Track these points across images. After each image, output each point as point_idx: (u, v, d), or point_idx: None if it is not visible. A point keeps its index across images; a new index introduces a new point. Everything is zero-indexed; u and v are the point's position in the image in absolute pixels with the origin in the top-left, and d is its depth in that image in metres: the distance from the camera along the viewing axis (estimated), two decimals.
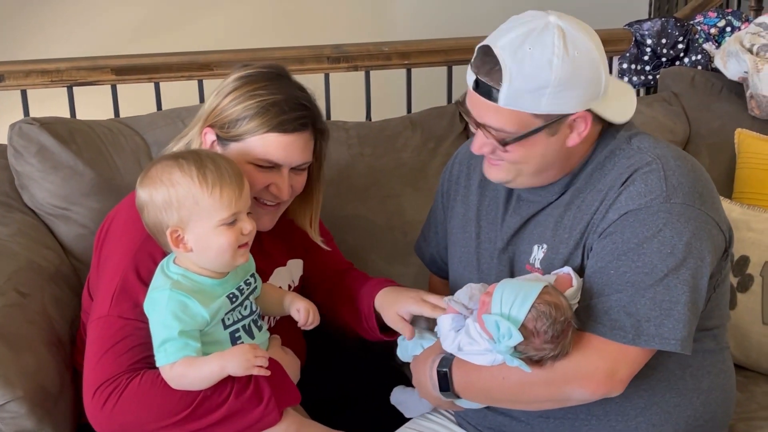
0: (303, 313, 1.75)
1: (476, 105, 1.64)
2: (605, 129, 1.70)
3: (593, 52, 1.59)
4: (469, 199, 1.86)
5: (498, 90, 1.58)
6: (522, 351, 1.57)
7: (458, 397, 1.71)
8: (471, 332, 1.64)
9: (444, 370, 1.69)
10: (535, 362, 1.58)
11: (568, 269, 1.65)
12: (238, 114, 1.73)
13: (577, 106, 1.60)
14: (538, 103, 1.58)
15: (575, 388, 1.60)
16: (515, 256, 1.75)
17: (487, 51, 1.59)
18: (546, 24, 1.58)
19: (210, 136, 1.77)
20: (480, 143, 1.66)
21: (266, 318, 1.87)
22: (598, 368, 1.59)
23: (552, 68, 1.56)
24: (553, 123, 1.61)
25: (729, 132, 2.47)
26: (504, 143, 1.62)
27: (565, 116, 1.61)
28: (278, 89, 1.75)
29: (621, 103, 1.68)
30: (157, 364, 1.59)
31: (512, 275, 1.73)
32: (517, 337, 1.53)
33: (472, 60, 1.63)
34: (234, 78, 1.78)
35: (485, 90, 1.60)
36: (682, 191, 1.61)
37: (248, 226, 1.62)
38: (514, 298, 1.56)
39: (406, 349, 1.83)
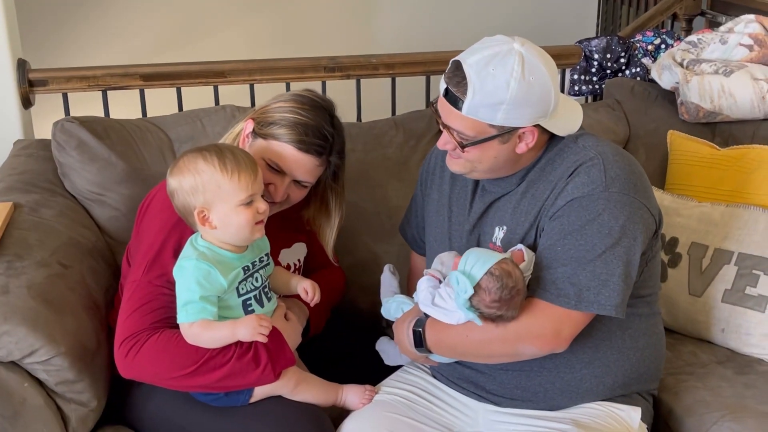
0: (310, 291, 1.77)
1: (444, 109, 1.65)
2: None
3: (546, 79, 1.60)
4: (442, 188, 1.88)
5: (462, 101, 1.59)
6: (475, 306, 1.59)
7: (431, 352, 1.73)
8: (441, 293, 1.66)
9: (418, 329, 1.71)
10: (487, 319, 1.60)
11: (520, 246, 1.67)
12: (276, 120, 1.76)
13: (527, 122, 1.61)
14: (494, 116, 1.59)
15: (526, 345, 1.63)
16: (481, 236, 1.77)
17: (458, 66, 1.60)
18: (510, 49, 1.59)
19: (249, 126, 1.80)
20: (444, 140, 1.68)
21: None
22: (545, 328, 1.61)
23: (509, 89, 1.57)
24: (505, 133, 1.62)
25: (662, 133, 2.47)
26: (463, 145, 1.64)
27: (516, 129, 1.62)
28: (314, 116, 1.77)
29: (568, 119, 1.69)
30: (178, 321, 1.61)
31: None
32: (470, 291, 1.57)
33: (446, 70, 1.64)
34: (292, 93, 1.83)
35: (452, 99, 1.62)
36: (619, 182, 1.63)
37: (263, 206, 1.63)
38: (476, 261, 1.60)
39: (389, 311, 1.84)
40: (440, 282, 1.71)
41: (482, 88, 1.57)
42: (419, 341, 1.72)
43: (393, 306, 1.83)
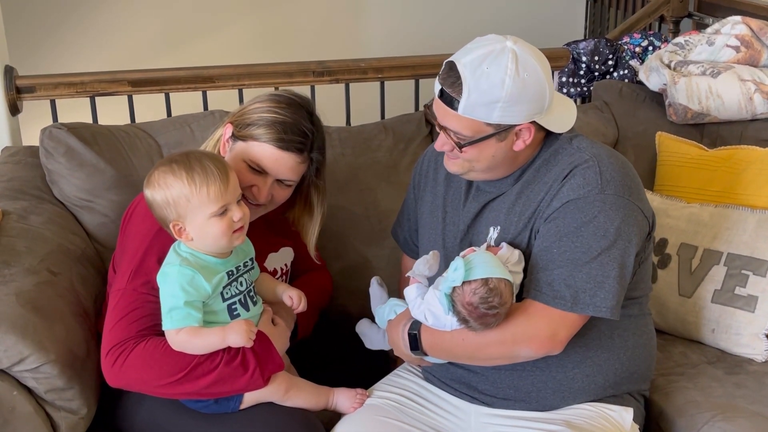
0: (296, 299, 1.76)
1: (440, 110, 1.65)
2: (550, 132, 1.72)
3: (540, 75, 1.60)
4: (436, 189, 1.87)
5: (458, 101, 1.59)
6: (453, 298, 1.59)
7: (426, 354, 1.73)
8: (429, 299, 1.66)
9: (414, 332, 1.71)
10: (462, 320, 1.60)
11: (503, 244, 1.68)
12: (253, 120, 1.75)
13: (523, 119, 1.62)
14: (490, 114, 1.59)
15: (523, 348, 1.62)
16: (474, 236, 1.77)
17: (452, 66, 1.61)
18: (503, 47, 1.59)
19: (228, 131, 1.79)
20: (441, 142, 1.68)
21: None
22: (542, 331, 1.61)
23: (504, 87, 1.57)
24: (502, 131, 1.62)
25: (651, 135, 2.48)
26: (460, 145, 1.64)
27: (512, 126, 1.62)
28: (291, 114, 1.75)
29: (563, 116, 1.69)
30: (163, 328, 1.60)
31: None
32: (458, 282, 1.57)
33: (440, 72, 1.64)
34: (269, 93, 1.81)
35: (448, 99, 1.62)
36: (614, 184, 1.63)
37: (238, 214, 1.61)
38: (484, 263, 1.59)
39: (383, 317, 1.84)
40: (426, 286, 1.71)
41: (477, 87, 1.57)
42: (415, 344, 1.71)
43: (386, 310, 1.83)
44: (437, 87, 1.65)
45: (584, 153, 1.67)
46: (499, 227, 1.72)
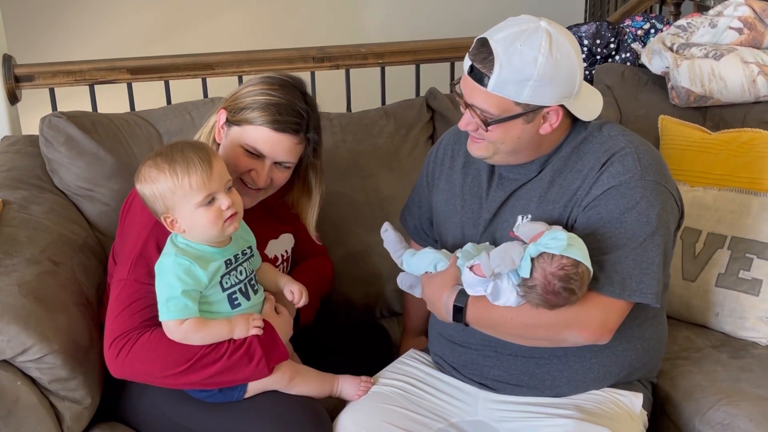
0: (296, 294, 1.75)
1: (468, 87, 1.63)
2: (576, 119, 1.69)
3: (573, 57, 1.59)
4: (452, 178, 1.84)
5: (488, 77, 1.57)
6: (537, 264, 1.54)
7: (467, 325, 1.69)
8: (512, 277, 1.59)
9: (461, 305, 1.66)
10: (529, 287, 1.56)
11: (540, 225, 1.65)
12: (247, 104, 1.73)
13: (552, 101, 1.60)
14: (520, 92, 1.57)
15: (573, 333, 1.61)
16: (500, 225, 1.74)
17: (484, 42, 1.59)
18: (537, 27, 1.58)
19: (222, 116, 1.77)
20: (466, 121, 1.66)
21: None
22: (594, 318, 1.60)
23: (536, 65, 1.55)
24: (530, 112, 1.60)
25: (653, 118, 2.47)
26: (486, 123, 1.61)
27: (540, 108, 1.60)
28: (285, 95, 1.74)
29: (590, 104, 1.68)
30: (160, 318, 1.59)
31: (495, 242, 1.72)
32: (552, 249, 1.53)
33: (470, 49, 1.62)
34: (260, 76, 1.79)
35: (478, 75, 1.59)
36: (652, 170, 1.63)
37: (226, 202, 1.59)
38: (582, 249, 1.55)
39: (419, 267, 1.76)
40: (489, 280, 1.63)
41: (509, 64, 1.55)
42: (458, 316, 1.67)
43: (425, 262, 1.74)
44: (467, 63, 1.62)
45: (618, 140, 1.66)
46: (529, 215, 1.69)
